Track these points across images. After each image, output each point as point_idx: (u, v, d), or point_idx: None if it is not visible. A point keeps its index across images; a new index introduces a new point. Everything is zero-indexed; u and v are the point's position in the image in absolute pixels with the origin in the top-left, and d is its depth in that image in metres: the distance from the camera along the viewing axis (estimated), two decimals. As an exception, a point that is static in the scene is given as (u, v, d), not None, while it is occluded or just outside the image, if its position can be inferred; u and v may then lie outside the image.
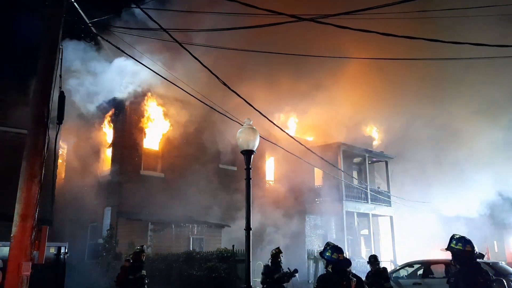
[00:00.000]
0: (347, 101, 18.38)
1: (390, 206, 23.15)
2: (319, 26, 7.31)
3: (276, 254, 8.65)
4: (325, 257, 4.60)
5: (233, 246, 11.50)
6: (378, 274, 8.82)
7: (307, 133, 21.95)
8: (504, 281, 4.50)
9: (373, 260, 8.98)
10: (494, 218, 25.72)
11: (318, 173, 22.60)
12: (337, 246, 4.68)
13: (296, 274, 8.44)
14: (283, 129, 11.78)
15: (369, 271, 9.07)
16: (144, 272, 8.75)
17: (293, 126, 21.26)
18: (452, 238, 4.78)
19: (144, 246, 9.89)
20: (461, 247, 4.63)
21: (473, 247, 4.63)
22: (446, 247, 4.80)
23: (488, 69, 16.99)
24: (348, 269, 4.54)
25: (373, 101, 18.48)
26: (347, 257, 4.66)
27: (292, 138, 12.26)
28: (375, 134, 24.16)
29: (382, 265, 9.38)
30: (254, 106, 8.73)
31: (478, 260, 4.68)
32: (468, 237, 4.75)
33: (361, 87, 18.53)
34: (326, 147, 20.59)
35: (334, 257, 4.53)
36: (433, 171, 27.36)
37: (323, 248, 4.76)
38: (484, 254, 4.79)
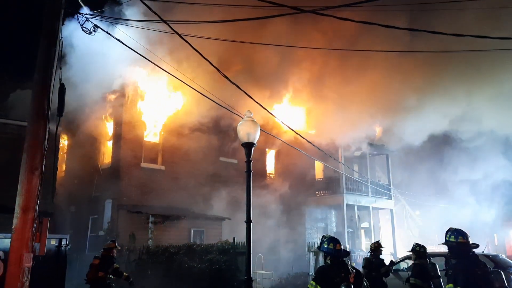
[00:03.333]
0: (348, 94, 18.31)
1: (391, 199, 23.20)
2: (321, 18, 7.27)
3: (376, 248, 8.61)
4: (323, 250, 4.63)
5: (234, 238, 11.53)
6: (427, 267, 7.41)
7: (308, 126, 21.92)
8: (502, 273, 4.52)
9: (423, 250, 7.52)
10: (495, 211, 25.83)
11: (318, 166, 22.62)
12: (333, 237, 4.72)
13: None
14: (284, 123, 11.77)
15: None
16: (116, 265, 8.55)
17: (294, 119, 21.21)
18: (447, 232, 4.85)
19: (115, 240, 9.35)
20: (454, 239, 4.69)
21: (467, 238, 4.69)
22: (443, 241, 4.87)
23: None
24: (346, 261, 4.57)
25: (374, 95, 18.40)
26: (347, 249, 4.70)
27: (293, 131, 12.24)
28: (376, 127, 24.11)
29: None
30: (254, 98, 8.71)
31: (476, 252, 4.73)
32: (464, 229, 4.82)
33: (362, 80, 18.44)
34: (326, 140, 20.56)
35: (331, 247, 4.58)
36: (433, 165, 27.44)
37: (320, 241, 4.79)
38: (478, 244, 4.84)
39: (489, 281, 4.38)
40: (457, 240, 4.68)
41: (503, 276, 4.45)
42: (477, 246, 4.78)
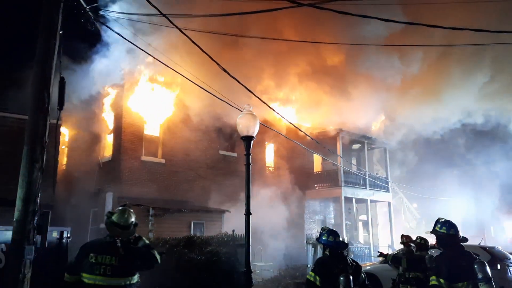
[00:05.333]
0: (347, 87, 18.34)
1: (389, 192, 23.30)
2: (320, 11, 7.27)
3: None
4: (322, 242, 4.69)
5: (233, 230, 11.60)
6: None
7: (306, 120, 21.95)
8: (486, 264, 4.55)
9: (423, 242, 7.70)
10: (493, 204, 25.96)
11: (317, 159, 22.70)
12: (332, 229, 4.78)
13: None
14: (283, 116, 11.80)
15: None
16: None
17: (293, 112, 21.25)
18: (437, 221, 4.90)
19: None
20: (445, 231, 4.74)
21: (457, 231, 4.73)
22: (431, 230, 4.93)
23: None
24: (345, 253, 4.63)
25: (373, 88, 18.43)
26: (345, 241, 4.75)
27: (292, 125, 12.28)
28: (374, 121, 24.19)
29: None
30: (254, 92, 8.74)
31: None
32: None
33: (362, 73, 18.45)
34: (325, 133, 20.64)
35: (330, 239, 4.65)
36: (432, 158, 27.51)
37: (319, 234, 4.85)
38: (467, 238, 4.88)
39: (473, 272, 4.40)
40: (449, 232, 4.72)
41: (487, 267, 4.48)
42: (466, 239, 4.81)
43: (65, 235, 8.91)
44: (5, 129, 13.63)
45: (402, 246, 8.52)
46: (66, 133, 18.44)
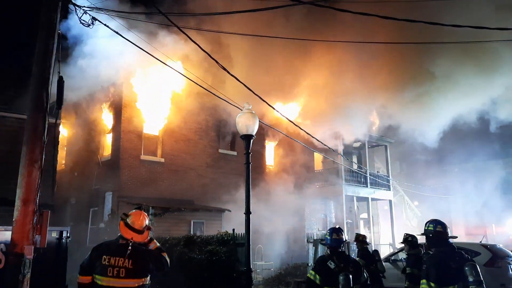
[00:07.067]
0: (346, 85, 18.31)
1: (389, 190, 23.30)
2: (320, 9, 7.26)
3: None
4: (327, 242, 4.71)
5: (233, 229, 11.60)
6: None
7: (307, 118, 21.91)
8: (477, 265, 4.41)
9: (415, 240, 7.83)
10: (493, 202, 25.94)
11: (318, 158, 22.69)
12: (334, 227, 4.79)
13: None
14: (283, 114, 11.77)
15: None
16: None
17: (293, 111, 21.22)
18: (425, 223, 4.84)
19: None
20: (432, 228, 4.67)
21: (444, 227, 4.64)
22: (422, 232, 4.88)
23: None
24: (347, 252, 4.63)
25: (372, 86, 18.40)
26: (345, 240, 4.74)
27: (292, 123, 12.25)
28: (375, 119, 24.15)
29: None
30: (253, 91, 8.71)
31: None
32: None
33: (360, 71, 18.42)
34: (326, 131, 20.58)
35: (327, 237, 4.67)
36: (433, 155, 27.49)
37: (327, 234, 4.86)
38: (456, 236, 4.81)
39: (463, 275, 4.26)
40: (435, 229, 4.64)
41: (478, 270, 4.35)
42: (454, 237, 4.74)
43: (64, 234, 8.89)
44: (4, 129, 13.60)
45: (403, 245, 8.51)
46: (65, 132, 18.44)
